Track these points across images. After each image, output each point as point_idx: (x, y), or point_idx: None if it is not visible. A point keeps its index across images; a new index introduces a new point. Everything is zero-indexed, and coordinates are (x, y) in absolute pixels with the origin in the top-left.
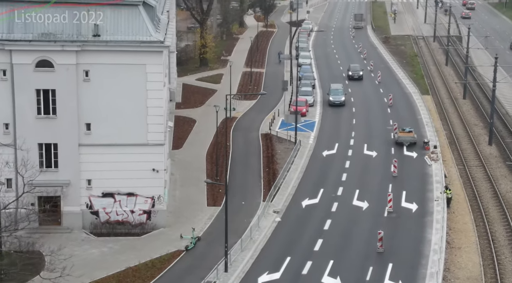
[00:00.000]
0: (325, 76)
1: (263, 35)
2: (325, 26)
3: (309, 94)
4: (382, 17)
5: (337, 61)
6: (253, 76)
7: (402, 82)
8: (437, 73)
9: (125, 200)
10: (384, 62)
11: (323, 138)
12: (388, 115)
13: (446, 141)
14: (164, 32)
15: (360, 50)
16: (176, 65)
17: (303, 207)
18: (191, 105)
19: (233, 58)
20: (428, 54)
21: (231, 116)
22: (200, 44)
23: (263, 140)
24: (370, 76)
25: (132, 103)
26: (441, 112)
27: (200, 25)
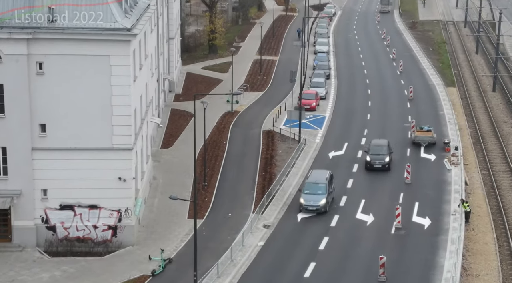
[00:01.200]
0: (343, 65)
1: (281, 19)
2: (350, 10)
3: (321, 86)
4: (411, 1)
5: (358, 49)
6: (265, 65)
7: (426, 72)
8: (466, 62)
9: (86, 213)
10: (408, 50)
11: (332, 136)
12: (407, 110)
13: (470, 141)
14: (137, 17)
15: (384, 36)
16: (180, 52)
17: (298, 220)
18: (192, 96)
19: (246, 44)
20: (457, 41)
21: (233, 110)
22: (209, 30)
23: (265, 138)
24: (391, 65)
25: (95, 101)
26: (467, 107)
27: (210, 9)
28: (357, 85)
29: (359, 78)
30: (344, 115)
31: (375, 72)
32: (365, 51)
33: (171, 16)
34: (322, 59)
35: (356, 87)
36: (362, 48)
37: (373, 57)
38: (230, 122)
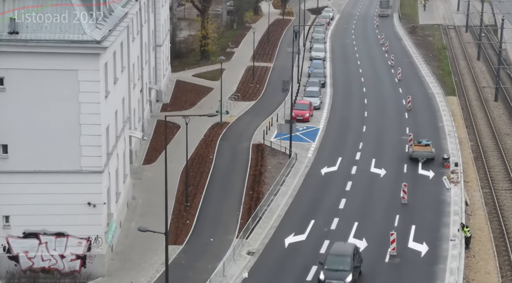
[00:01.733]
0: (339, 72)
1: (278, 24)
2: (348, 14)
3: (315, 96)
4: (411, 4)
5: (355, 55)
6: (258, 72)
7: (425, 80)
8: (467, 69)
9: (53, 241)
10: (407, 56)
11: (325, 150)
12: (405, 122)
13: (471, 156)
14: (110, 27)
15: (382, 41)
16: (169, 59)
17: (286, 246)
18: (180, 106)
19: (240, 50)
20: (458, 47)
21: (223, 121)
22: (200, 35)
23: (254, 152)
24: (389, 72)
25: (61, 119)
26: (468, 118)
27: (201, 14)
28: (353, 94)
29: (356, 87)
30: (339, 126)
31: (372, 80)
32: (363, 57)
33: (159, 22)
34: (317, 66)
35: (352, 96)
36: (359, 54)
37: (371, 64)
38: (219, 134)
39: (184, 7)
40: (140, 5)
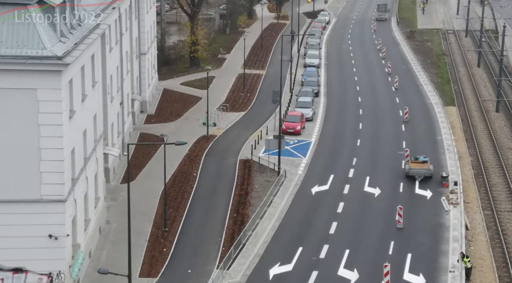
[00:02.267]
0: (334, 80)
1: (272, 28)
2: (345, 18)
3: (308, 106)
4: (409, 8)
5: (351, 61)
6: (250, 80)
7: (424, 89)
8: (467, 76)
9: (10, 278)
10: (405, 63)
11: (317, 167)
12: (402, 135)
13: (471, 173)
14: (76, 41)
15: (379, 47)
16: (156, 67)
17: (270, 278)
18: (166, 118)
19: (232, 56)
20: (458, 53)
21: (209, 134)
22: (190, 42)
23: (241, 169)
24: (386, 80)
25: (19, 143)
26: (468, 130)
27: (191, 19)
28: (348, 104)
29: (351, 96)
30: (332, 140)
31: (368, 89)
32: (359, 64)
33: (143, 29)
34: (311, 74)
35: (347, 106)
36: (356, 60)
37: (367, 71)
38: (204, 149)
39: (176, 10)
40: (119, 12)
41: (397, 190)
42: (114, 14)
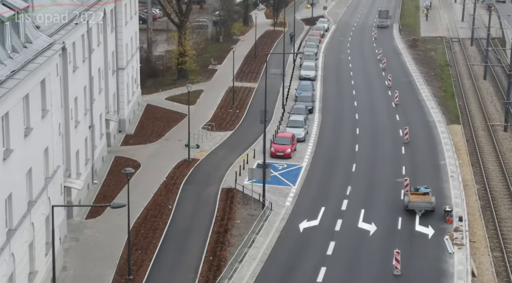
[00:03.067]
0: (330, 95)
1: (268, 36)
2: (345, 25)
3: (300, 126)
4: (412, 14)
5: (350, 73)
6: (240, 94)
7: (426, 105)
8: (472, 90)
9: None
10: (406, 75)
11: (307, 197)
12: (401, 159)
13: (478, 204)
14: (15, 67)
15: (380, 57)
16: (138, 81)
17: None
18: (146, 138)
19: (223, 67)
20: (463, 63)
21: (191, 158)
22: (177, 53)
23: (222, 200)
24: (386, 95)
25: None
26: (473, 152)
27: (178, 29)
28: (344, 122)
29: (348, 112)
30: (325, 164)
31: (366, 105)
32: (358, 76)
33: (121, 42)
34: (305, 88)
35: (343, 125)
36: (354, 72)
37: (367, 84)
38: (184, 175)
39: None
40: (88, 27)
41: (395, 227)
42: (81, 29)
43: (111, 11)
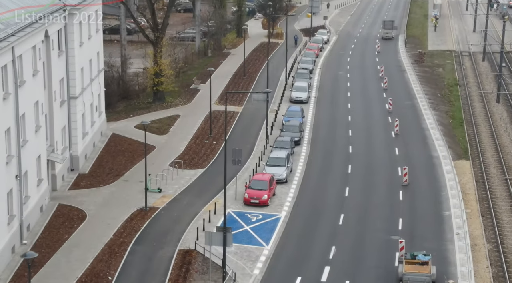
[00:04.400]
0: (323, 122)
1: (262, 49)
2: (347, 35)
3: (282, 165)
4: (420, 23)
5: (347, 94)
6: (220, 121)
7: (430, 136)
8: (484, 115)
9: None
10: (410, 97)
11: (281, 263)
12: (398, 208)
13: (490, 273)
14: None
15: (382, 74)
16: (102, 107)
17: None
18: (101, 179)
19: (208, 86)
20: (473, 82)
21: (148, 206)
22: (152, 72)
23: (177, 267)
24: (386, 122)
25: None
26: (484, 199)
27: (153, 46)
28: (335, 157)
29: (341, 144)
30: (308, 214)
31: (363, 134)
32: (356, 98)
33: (73, 67)
34: (294, 113)
35: (333, 161)
36: (352, 92)
37: (365, 108)
38: (136, 231)
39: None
40: (14, 55)
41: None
42: (4, 58)
43: (58, 32)
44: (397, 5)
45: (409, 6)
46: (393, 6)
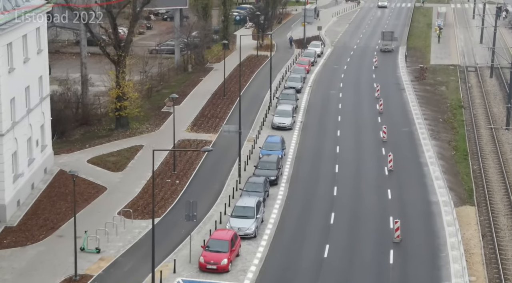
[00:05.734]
0: (306, 154)
1: (248, 64)
2: (343, 47)
3: (250, 216)
4: (423, 33)
5: (337, 118)
6: (189, 153)
7: (429, 174)
8: (492, 145)
9: None
10: (408, 122)
11: None
12: (387, 277)
13: None
14: None
15: (378, 94)
16: (45, 142)
17: None
18: (29, 235)
19: (182, 109)
20: (480, 103)
21: (78, 275)
22: (114, 96)
23: None
24: (379, 155)
25: None
26: (493, 260)
27: (116, 65)
28: (316, 203)
29: (324, 185)
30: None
31: (351, 171)
32: (347, 124)
33: None
34: (272, 145)
35: (313, 208)
36: (344, 116)
37: (356, 137)
38: None
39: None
40: None
41: None
42: None
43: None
44: (399, 13)
45: (411, 14)
46: (394, 13)
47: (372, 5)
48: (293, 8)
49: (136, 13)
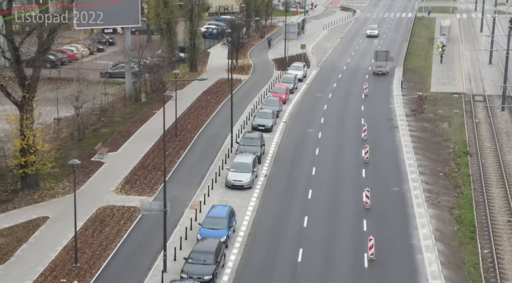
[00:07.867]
0: (263, 232)
1: (217, 90)
2: (331, 68)
3: None
4: (423, 50)
5: (312, 169)
6: (107, 229)
7: (423, 269)
8: (506, 211)
9: None
10: (399, 178)
11: None
12: None
13: None
14: None
15: (365, 136)
16: None
17: None
18: None
19: (118, 157)
20: (489, 147)
21: None
22: (18, 148)
23: None
24: (358, 233)
25: None
26: None
27: (19, 109)
28: None
29: (284, 270)
30: None
31: (319, 261)
32: (323, 179)
33: None
34: (215, 221)
35: None
36: (320, 167)
37: (332, 201)
38: None
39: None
40: None
41: None
42: None
43: None
44: (398, 24)
45: (412, 25)
46: (393, 26)
47: (369, 15)
48: (279, 19)
49: (43, 42)
